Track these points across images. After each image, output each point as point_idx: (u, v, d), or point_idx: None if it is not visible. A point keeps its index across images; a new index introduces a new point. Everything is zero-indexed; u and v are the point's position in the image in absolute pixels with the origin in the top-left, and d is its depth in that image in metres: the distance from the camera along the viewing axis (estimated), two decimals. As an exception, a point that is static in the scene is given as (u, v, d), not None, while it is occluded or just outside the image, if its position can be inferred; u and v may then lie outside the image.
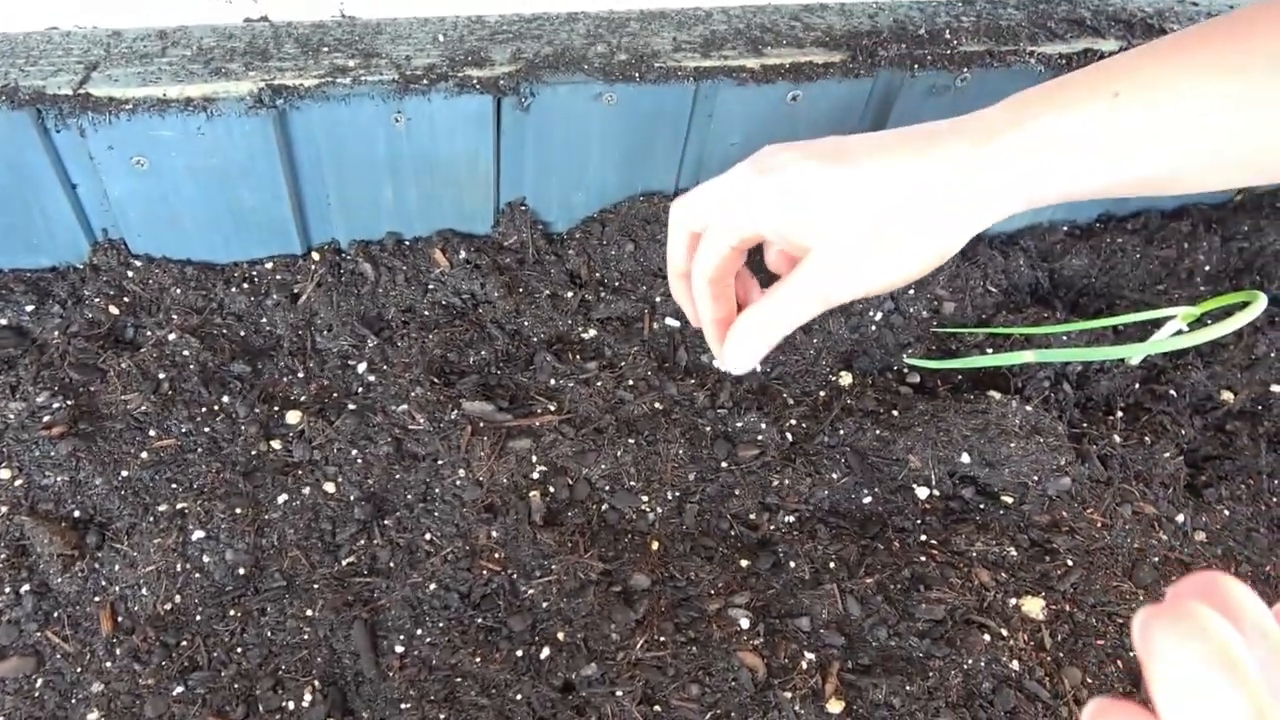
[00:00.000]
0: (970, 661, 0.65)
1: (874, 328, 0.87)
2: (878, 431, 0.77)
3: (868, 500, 0.75)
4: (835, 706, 0.62)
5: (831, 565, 0.70)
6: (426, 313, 0.81)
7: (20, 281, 0.77)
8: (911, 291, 0.89)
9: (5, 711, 0.59)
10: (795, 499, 0.74)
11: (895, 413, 0.80)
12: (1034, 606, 0.70)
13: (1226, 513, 0.78)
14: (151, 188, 0.74)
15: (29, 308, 0.75)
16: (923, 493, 0.76)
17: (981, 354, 0.86)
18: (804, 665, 0.64)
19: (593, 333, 0.82)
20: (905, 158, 0.46)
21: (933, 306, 0.90)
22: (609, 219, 0.86)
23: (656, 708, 0.62)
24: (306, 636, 0.64)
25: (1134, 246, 0.98)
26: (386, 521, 0.69)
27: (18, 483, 0.67)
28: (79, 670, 0.61)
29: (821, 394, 0.82)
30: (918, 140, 0.47)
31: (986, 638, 0.67)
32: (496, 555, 0.68)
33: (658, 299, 0.85)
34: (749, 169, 0.50)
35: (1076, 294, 0.97)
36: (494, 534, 0.69)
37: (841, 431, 0.78)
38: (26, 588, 0.63)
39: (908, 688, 0.63)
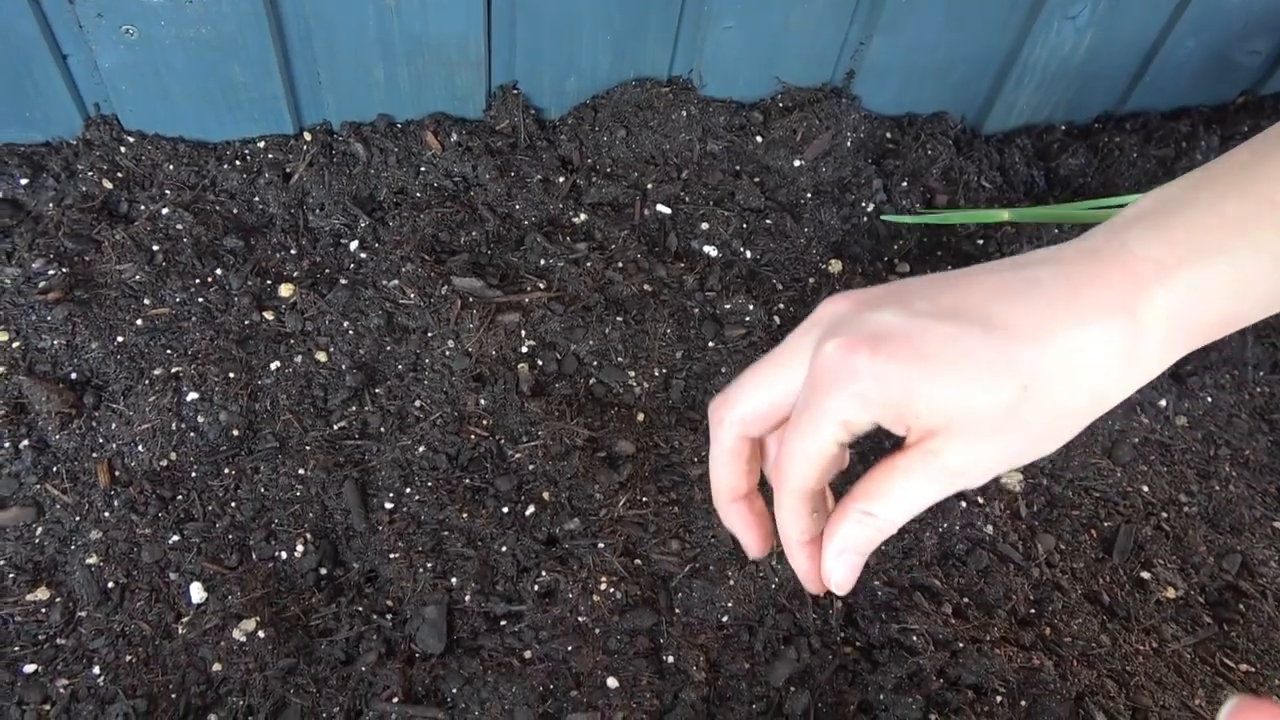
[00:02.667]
0: (946, 525, 0.67)
1: (865, 219, 0.87)
2: (864, 314, 0.78)
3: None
4: (812, 564, 0.64)
5: (814, 438, 0.71)
6: (418, 194, 0.82)
7: (14, 155, 0.77)
8: (905, 184, 0.89)
9: (6, 556, 0.61)
10: (780, 377, 0.75)
11: (883, 298, 0.81)
12: (1012, 479, 0.71)
13: (1209, 399, 0.79)
14: (142, 59, 0.74)
15: (23, 180, 0.76)
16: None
17: (972, 241, 0.86)
18: (783, 526, 0.66)
19: (583, 217, 0.83)
20: (1056, 320, 0.37)
21: (925, 199, 0.90)
22: (601, 105, 0.86)
23: (637, 560, 0.63)
24: (299, 493, 0.66)
25: (1132, 145, 0.97)
26: (377, 389, 0.71)
27: (15, 344, 0.68)
28: (78, 519, 0.63)
29: (810, 280, 0.83)
30: (1060, 284, 0.38)
31: (963, 504, 0.68)
32: (484, 422, 0.70)
33: (649, 185, 0.85)
34: (837, 344, 0.38)
35: (1072, 193, 0.96)
36: (482, 402, 0.70)
37: (828, 314, 0.79)
38: (26, 443, 0.65)
39: (883, 547, 0.65)
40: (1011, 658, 0.60)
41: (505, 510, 0.65)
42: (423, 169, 0.83)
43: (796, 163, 0.88)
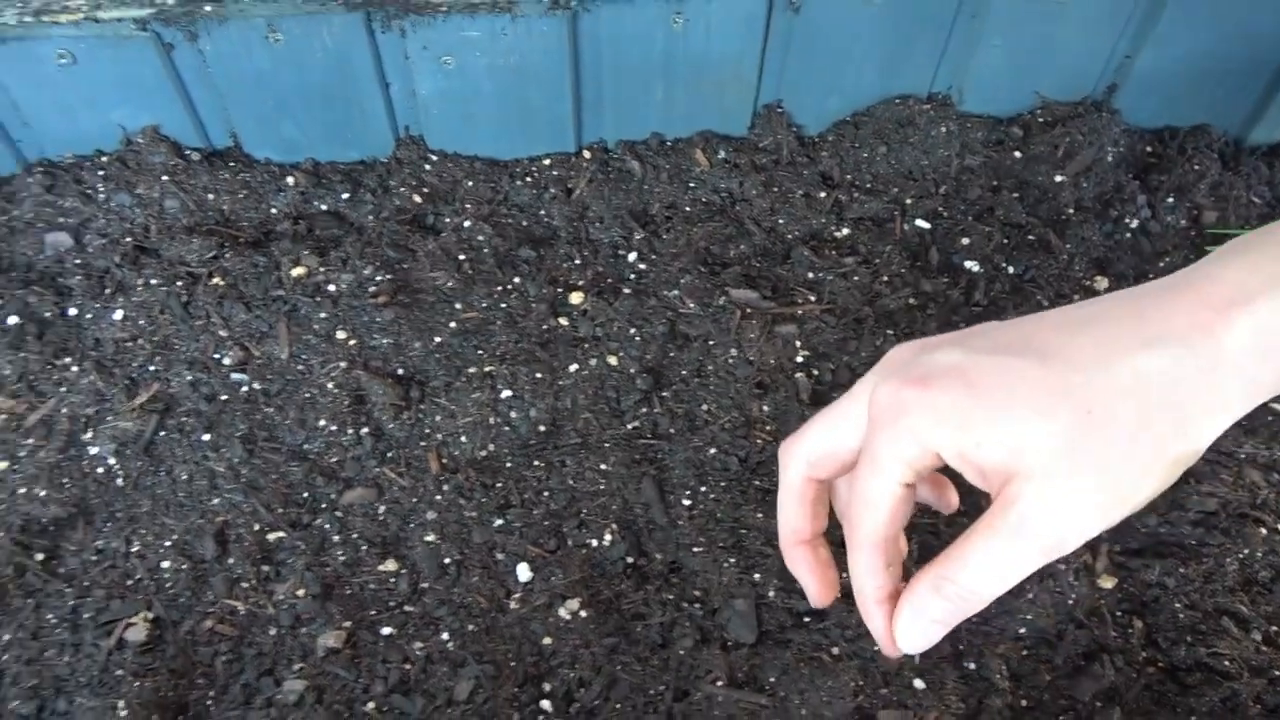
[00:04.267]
0: (1247, 551, 0.66)
1: (1129, 235, 0.86)
2: (1140, 332, 0.77)
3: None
4: (1107, 582, 0.65)
5: (1095, 456, 0.72)
6: (688, 208, 0.86)
7: (336, 172, 0.86)
8: (1170, 199, 0.87)
9: (358, 530, 0.69)
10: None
11: (1156, 316, 0.80)
12: (1311, 507, 0.69)
13: None
14: (454, 87, 0.82)
15: (344, 195, 0.85)
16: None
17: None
18: (1074, 543, 0.66)
19: (846, 231, 0.85)
20: (1119, 345, 0.35)
21: (1192, 215, 0.88)
22: (861, 121, 0.88)
23: (933, 568, 0.65)
24: (602, 486, 0.71)
25: None
26: (665, 393, 0.76)
27: (352, 343, 0.77)
28: (414, 501, 0.71)
29: (1076, 297, 0.82)
30: (1126, 315, 0.36)
31: (1263, 531, 0.67)
32: (769, 427, 0.73)
33: (908, 201, 0.87)
34: (889, 385, 0.38)
35: (1347, 209, 0.92)
36: (765, 408, 0.74)
37: (1100, 332, 0.78)
38: (365, 430, 0.73)
39: (1181, 570, 0.65)
40: (1333, 690, 0.59)
41: (797, 512, 0.69)
42: (692, 184, 0.87)
43: (1058, 178, 0.87)
